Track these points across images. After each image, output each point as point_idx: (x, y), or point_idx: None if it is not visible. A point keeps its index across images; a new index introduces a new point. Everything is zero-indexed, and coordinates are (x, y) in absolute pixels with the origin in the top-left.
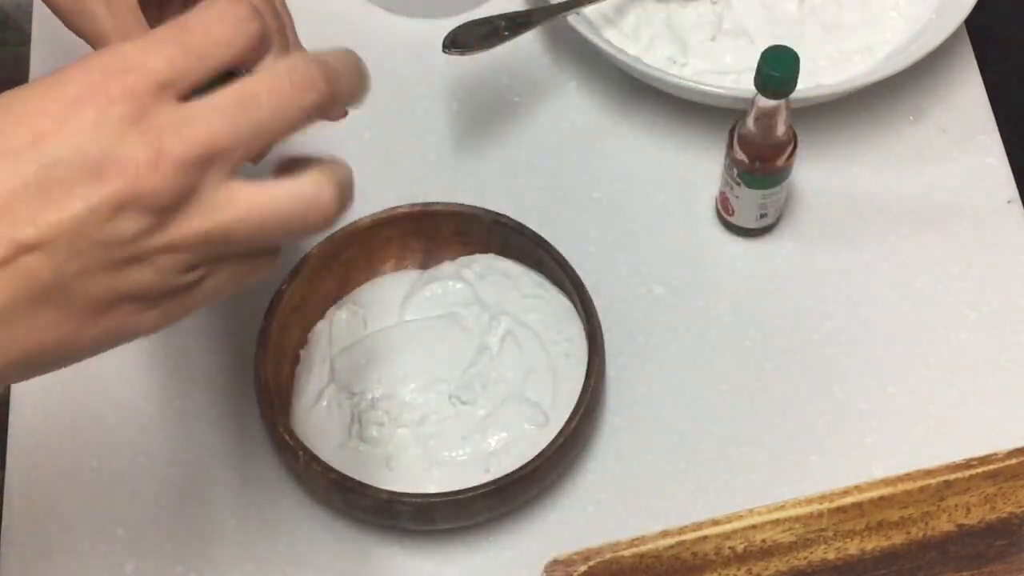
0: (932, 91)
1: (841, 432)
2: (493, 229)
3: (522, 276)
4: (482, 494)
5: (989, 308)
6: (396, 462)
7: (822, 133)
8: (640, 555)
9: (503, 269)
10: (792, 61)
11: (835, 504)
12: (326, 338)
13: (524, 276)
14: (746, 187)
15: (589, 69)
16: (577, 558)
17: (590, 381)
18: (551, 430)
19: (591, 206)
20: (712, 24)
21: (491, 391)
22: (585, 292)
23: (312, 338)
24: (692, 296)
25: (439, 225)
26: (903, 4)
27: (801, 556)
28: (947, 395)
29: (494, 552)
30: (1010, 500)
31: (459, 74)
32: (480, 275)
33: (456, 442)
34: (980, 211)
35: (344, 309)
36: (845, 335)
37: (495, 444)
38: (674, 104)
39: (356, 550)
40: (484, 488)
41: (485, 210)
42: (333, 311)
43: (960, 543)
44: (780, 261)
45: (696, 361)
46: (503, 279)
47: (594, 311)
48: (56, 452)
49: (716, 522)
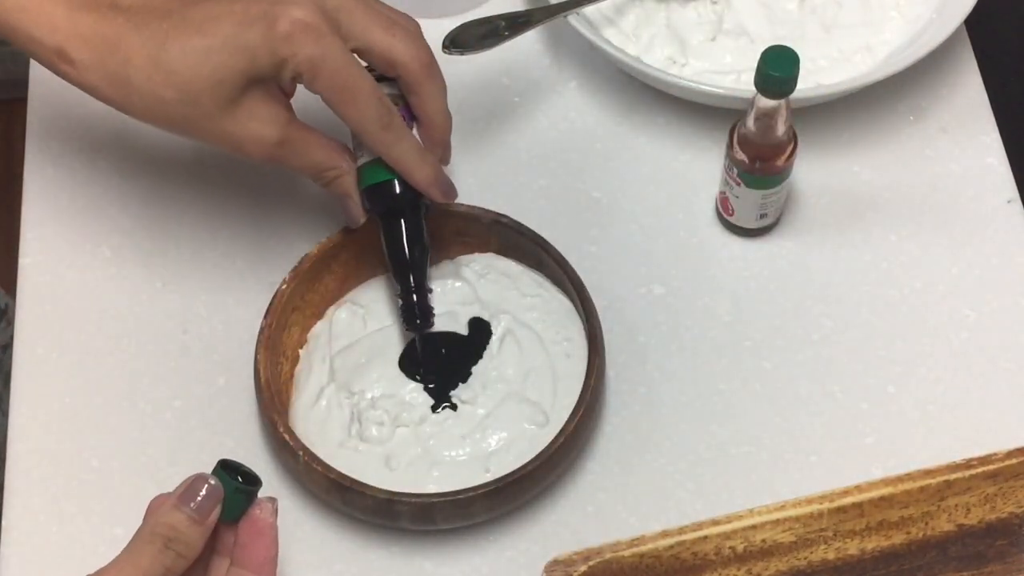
0: (932, 91)
1: (841, 432)
2: (493, 229)
3: (522, 275)
4: (482, 494)
5: (989, 308)
6: (396, 462)
7: (822, 133)
8: (640, 555)
9: (503, 268)
10: (792, 61)
11: (835, 504)
12: (326, 337)
13: (524, 275)
14: (746, 187)
15: (589, 69)
16: (577, 558)
17: (590, 381)
18: (551, 430)
19: (591, 206)
20: (712, 24)
21: (491, 390)
22: (585, 292)
23: (312, 338)
24: (692, 296)
25: (439, 224)
26: (903, 4)
27: (801, 556)
28: (947, 395)
29: (494, 552)
30: (1010, 500)
31: (459, 74)
32: (480, 274)
33: (456, 442)
34: (980, 211)
35: (344, 308)
36: (845, 335)
37: (495, 444)
38: (674, 104)
39: (356, 550)
40: (484, 488)
41: (485, 210)
42: (333, 310)
43: (960, 543)
44: (780, 261)
45: (696, 361)
46: (503, 278)
47: (594, 311)
48: (56, 452)
49: (716, 522)
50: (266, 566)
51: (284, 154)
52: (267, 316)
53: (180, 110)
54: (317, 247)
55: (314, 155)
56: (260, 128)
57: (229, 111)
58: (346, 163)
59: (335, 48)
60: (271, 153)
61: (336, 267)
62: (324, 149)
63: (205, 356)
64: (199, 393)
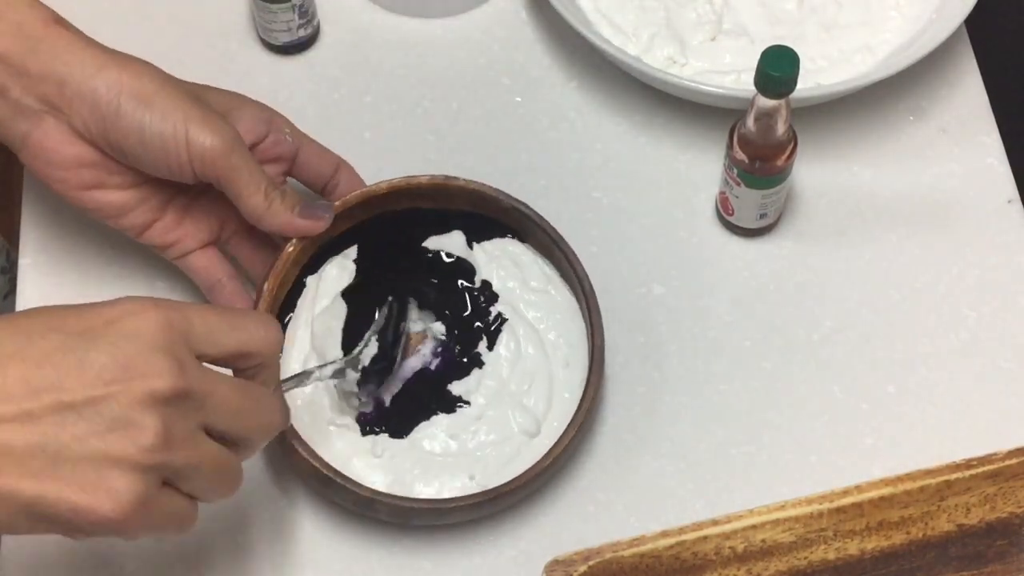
0: (932, 91)
1: (841, 432)
2: (511, 214)
3: (532, 266)
4: (462, 507)
5: (989, 308)
6: (381, 448)
7: (822, 133)
8: (640, 555)
9: (514, 255)
10: (792, 61)
11: (835, 504)
12: (311, 296)
13: (534, 266)
14: (746, 187)
15: (589, 69)
16: (577, 558)
17: (585, 403)
18: (541, 440)
19: (591, 206)
20: (712, 24)
21: (484, 388)
22: (594, 301)
23: (301, 300)
24: (692, 296)
25: (453, 199)
26: (903, 4)
27: (801, 556)
28: (947, 395)
29: (494, 552)
30: (1010, 500)
31: (459, 74)
32: (490, 255)
33: (441, 439)
34: (980, 211)
35: (335, 263)
36: (845, 335)
37: (481, 447)
38: (674, 104)
39: (354, 550)
40: (465, 501)
41: (506, 194)
42: (324, 266)
43: (960, 543)
44: (780, 261)
45: (696, 361)
46: (512, 266)
47: (600, 323)
48: None
49: (716, 522)
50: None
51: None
52: (269, 278)
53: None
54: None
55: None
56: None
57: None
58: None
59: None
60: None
61: (343, 226)
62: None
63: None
64: None
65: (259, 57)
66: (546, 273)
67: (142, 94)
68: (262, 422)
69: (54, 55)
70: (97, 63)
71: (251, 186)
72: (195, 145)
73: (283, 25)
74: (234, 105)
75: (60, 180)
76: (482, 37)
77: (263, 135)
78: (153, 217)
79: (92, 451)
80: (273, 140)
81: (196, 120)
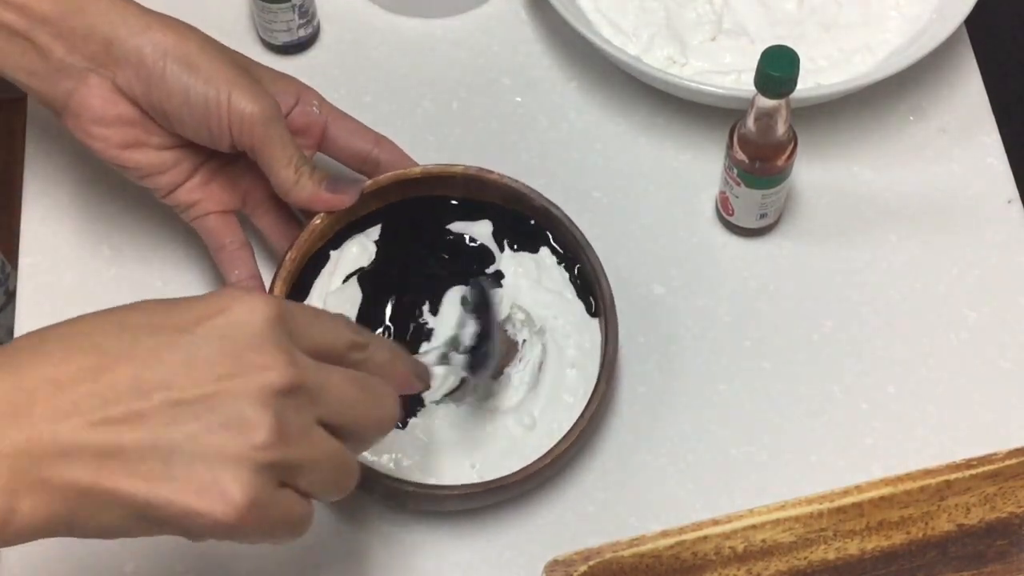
0: (932, 91)
1: (841, 432)
2: (541, 213)
3: (552, 269)
4: (457, 495)
5: (989, 308)
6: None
7: (822, 133)
8: (640, 555)
9: (537, 258)
10: (792, 61)
11: (835, 504)
12: (329, 273)
13: (554, 270)
14: (746, 187)
15: (589, 69)
16: (577, 558)
17: (589, 410)
18: (537, 434)
19: (591, 206)
20: (712, 24)
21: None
22: (612, 309)
23: (322, 272)
24: (692, 296)
25: (486, 191)
26: (903, 4)
27: (801, 556)
28: (947, 395)
29: (494, 552)
30: (1010, 500)
31: (459, 74)
32: (514, 252)
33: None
34: (980, 211)
35: (356, 241)
36: (845, 335)
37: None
38: (674, 104)
39: (355, 543)
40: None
41: (538, 193)
42: (345, 243)
43: (960, 543)
44: (780, 261)
45: (696, 361)
46: (532, 266)
47: (616, 332)
48: None
49: (716, 522)
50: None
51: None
52: (292, 249)
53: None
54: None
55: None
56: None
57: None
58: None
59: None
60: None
61: (373, 205)
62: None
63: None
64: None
65: (259, 57)
66: (564, 278)
67: (188, 57)
68: (378, 415)
69: (99, 14)
70: (142, 23)
71: (283, 159)
72: (236, 111)
73: (283, 25)
74: (264, 75)
75: (102, 138)
76: (482, 37)
77: (290, 106)
78: (184, 178)
79: (205, 450)
80: (300, 111)
81: (240, 87)
